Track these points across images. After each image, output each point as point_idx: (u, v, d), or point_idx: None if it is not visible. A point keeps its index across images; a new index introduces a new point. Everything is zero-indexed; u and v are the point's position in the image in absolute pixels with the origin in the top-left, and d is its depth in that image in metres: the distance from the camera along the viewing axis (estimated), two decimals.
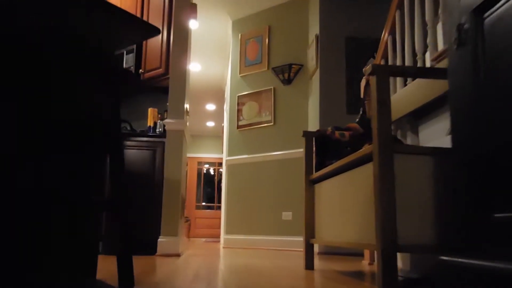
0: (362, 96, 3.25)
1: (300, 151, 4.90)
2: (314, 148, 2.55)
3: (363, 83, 3.24)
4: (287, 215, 4.88)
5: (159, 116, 3.94)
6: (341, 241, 1.87)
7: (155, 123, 3.87)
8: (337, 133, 2.36)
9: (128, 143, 3.69)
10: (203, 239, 9.47)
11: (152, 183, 3.65)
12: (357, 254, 3.89)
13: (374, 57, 4.37)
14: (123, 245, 1.46)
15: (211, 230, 11.58)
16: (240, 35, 5.68)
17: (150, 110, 3.90)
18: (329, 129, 2.45)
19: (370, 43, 4.28)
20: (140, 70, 4.08)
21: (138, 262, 2.75)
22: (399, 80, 2.67)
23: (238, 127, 5.47)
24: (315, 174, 2.34)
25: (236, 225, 5.27)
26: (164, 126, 3.67)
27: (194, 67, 7.59)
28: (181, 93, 3.71)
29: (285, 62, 5.10)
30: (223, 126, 7.92)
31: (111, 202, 1.51)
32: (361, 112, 3.07)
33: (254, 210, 5.17)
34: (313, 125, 4.71)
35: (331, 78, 4.46)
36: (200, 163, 12.26)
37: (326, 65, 4.46)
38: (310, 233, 2.41)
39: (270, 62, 5.31)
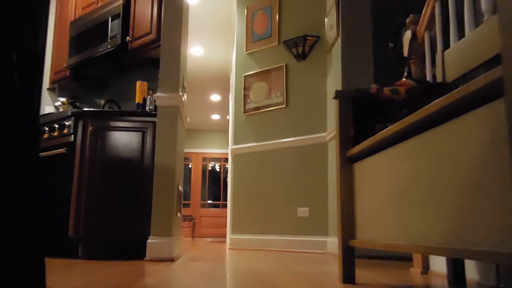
0: (406, 54, 2.55)
1: (318, 136, 4.20)
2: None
3: (406, 38, 2.54)
4: (303, 211, 4.19)
5: (151, 92, 3.26)
6: (410, 244, 1.17)
7: (144, 100, 3.20)
8: (386, 89, 1.67)
9: (111, 123, 3.02)
10: (209, 239, 8.84)
11: (141, 171, 2.98)
12: (400, 258, 3.19)
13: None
14: (26, 244, 0.78)
15: (217, 230, 10.93)
16: (246, 7, 4.99)
17: (138, 83, 3.22)
18: (374, 86, 1.76)
19: (401, 2, 3.57)
20: (128, 38, 3.40)
21: (117, 270, 2.08)
22: (452, 29, 1.97)
23: (245, 111, 4.78)
24: (358, 147, 1.65)
25: (244, 223, 4.59)
26: (155, 102, 3.00)
27: (196, 51, 6.92)
28: (175, 59, 3.03)
29: (299, 34, 4.41)
30: (229, 119, 7.24)
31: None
32: (405, 74, 2.38)
33: (264, 206, 4.48)
34: (333, 106, 4.01)
35: (355, 48, 3.75)
36: (205, 159, 11.60)
37: (349, 33, 3.76)
38: (348, 232, 1.72)
39: (281, 35, 4.61)
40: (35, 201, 0.79)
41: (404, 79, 1.88)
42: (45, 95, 4.18)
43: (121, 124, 3.02)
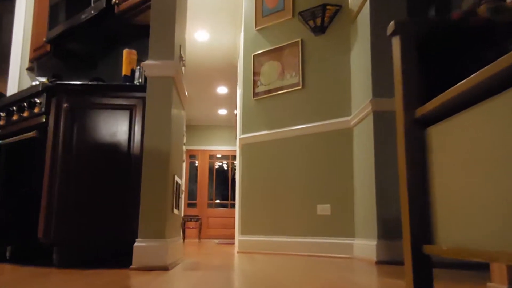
0: None
1: (342, 120, 3.59)
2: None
3: None
4: (323, 209, 3.58)
5: (141, 64, 2.68)
6: None
7: (132, 72, 2.62)
8: (482, 8, 1.06)
9: (91, 100, 2.45)
10: (216, 241, 8.28)
11: (128, 160, 2.40)
12: (469, 266, 2.57)
13: None
14: None
15: (224, 231, 10.38)
16: None
17: (125, 52, 2.64)
18: (455, 12, 1.15)
19: None
20: (113, 0, 2.83)
21: (92, 282, 1.50)
22: None
23: (255, 95, 4.19)
24: (440, 99, 1.04)
25: (254, 223, 3.99)
26: (145, 72, 2.41)
27: (201, 35, 6.34)
28: (169, 20, 2.45)
29: (317, 4, 3.80)
30: (236, 114, 6.65)
31: None
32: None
33: (277, 203, 3.88)
34: (360, 85, 3.40)
35: (386, 15, 3.14)
36: (212, 157, 11.03)
37: None
38: (420, 233, 1.11)
39: (296, 7, 4.01)
40: None
41: None
42: (24, 77, 3.63)
43: (104, 100, 2.44)
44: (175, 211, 2.61)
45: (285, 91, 3.97)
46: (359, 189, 3.30)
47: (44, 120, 2.47)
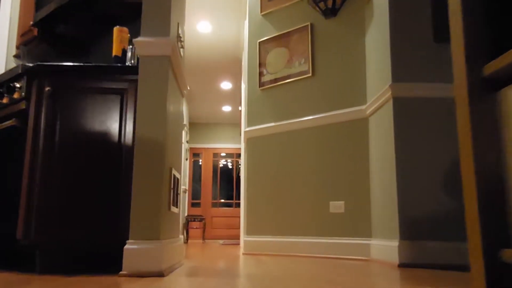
0: None
1: (356, 110, 3.29)
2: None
3: None
4: (337, 206, 3.28)
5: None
6: None
7: (124, 52, 2.33)
8: None
9: (77, 83, 2.16)
10: (221, 241, 8.01)
11: (119, 151, 2.12)
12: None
13: None
14: None
15: (229, 231, 10.11)
16: None
17: (116, 30, 2.36)
18: None
19: None
20: None
21: None
22: None
23: (261, 85, 3.89)
24: None
25: (261, 222, 3.70)
26: (137, 51, 2.13)
27: (204, 27, 6.06)
28: None
29: None
30: (241, 110, 6.34)
31: None
32: None
33: (285, 200, 3.59)
34: (376, 70, 3.10)
35: None
36: (216, 155, 10.75)
37: None
38: (495, 233, 0.81)
39: None
40: None
41: None
42: (11, 65, 3.36)
43: (91, 84, 2.16)
44: (173, 209, 2.33)
45: (293, 79, 3.67)
46: (377, 184, 3.00)
47: (24, 106, 2.18)
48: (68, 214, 2.03)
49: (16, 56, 3.32)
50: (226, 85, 8.44)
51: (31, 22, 3.02)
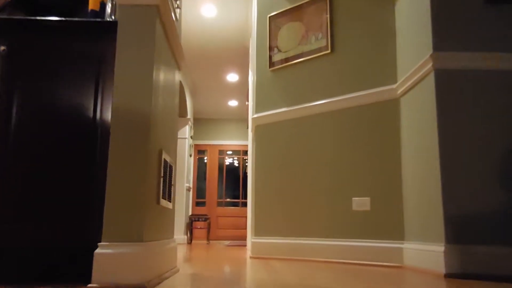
0: None
1: (384, 90, 2.80)
2: None
3: None
4: (361, 203, 2.80)
5: None
6: None
7: (102, 6, 1.87)
8: None
9: (41, 42, 1.71)
10: (226, 242, 7.56)
11: (92, 130, 1.66)
12: None
13: None
14: None
15: (235, 231, 9.66)
16: None
17: None
18: None
19: None
20: None
21: None
22: None
23: (271, 65, 3.42)
24: None
25: (271, 222, 3.22)
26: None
27: (208, 10, 5.59)
28: None
29: None
30: (248, 105, 5.87)
31: None
32: None
33: (299, 197, 3.10)
34: (411, 42, 2.61)
35: None
36: (221, 152, 10.29)
37: None
38: None
39: None
40: None
41: None
42: None
43: (59, 44, 1.70)
44: (165, 203, 1.86)
45: (309, 57, 3.19)
46: (411, 176, 2.51)
47: None
48: (27, 211, 1.57)
49: None
50: (232, 77, 7.98)
51: None
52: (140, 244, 1.47)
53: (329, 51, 3.08)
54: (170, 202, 2.01)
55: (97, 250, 1.45)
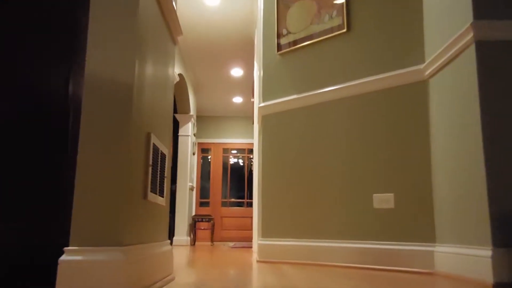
0: None
1: (410, 71, 2.46)
2: None
3: None
4: (383, 200, 2.46)
5: None
6: None
7: None
8: None
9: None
10: (231, 244, 7.25)
11: (63, 109, 1.35)
12: None
13: None
14: None
15: (240, 232, 9.35)
16: None
17: None
18: None
19: None
20: None
21: None
22: None
23: (279, 48, 3.09)
24: None
25: (280, 222, 2.89)
26: None
27: None
28: None
29: None
30: (253, 101, 5.55)
31: None
32: None
33: (312, 194, 2.77)
34: (442, 14, 2.27)
35: None
36: (226, 151, 9.98)
37: None
38: None
39: None
40: None
41: None
42: None
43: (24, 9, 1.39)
44: (154, 197, 1.53)
45: (322, 38, 2.86)
46: (443, 169, 2.17)
47: None
48: None
49: None
50: (237, 71, 7.65)
51: None
52: (118, 248, 1.15)
53: (345, 30, 2.75)
54: (162, 197, 1.69)
55: (63, 257, 1.13)
